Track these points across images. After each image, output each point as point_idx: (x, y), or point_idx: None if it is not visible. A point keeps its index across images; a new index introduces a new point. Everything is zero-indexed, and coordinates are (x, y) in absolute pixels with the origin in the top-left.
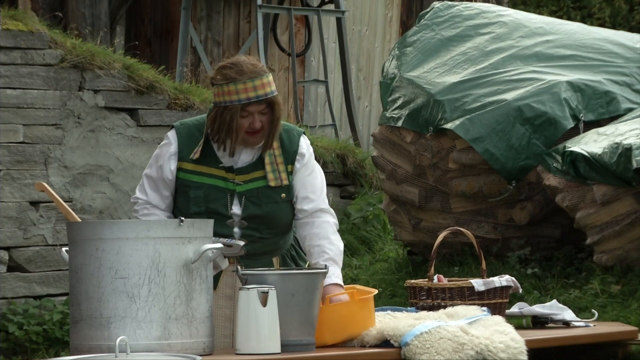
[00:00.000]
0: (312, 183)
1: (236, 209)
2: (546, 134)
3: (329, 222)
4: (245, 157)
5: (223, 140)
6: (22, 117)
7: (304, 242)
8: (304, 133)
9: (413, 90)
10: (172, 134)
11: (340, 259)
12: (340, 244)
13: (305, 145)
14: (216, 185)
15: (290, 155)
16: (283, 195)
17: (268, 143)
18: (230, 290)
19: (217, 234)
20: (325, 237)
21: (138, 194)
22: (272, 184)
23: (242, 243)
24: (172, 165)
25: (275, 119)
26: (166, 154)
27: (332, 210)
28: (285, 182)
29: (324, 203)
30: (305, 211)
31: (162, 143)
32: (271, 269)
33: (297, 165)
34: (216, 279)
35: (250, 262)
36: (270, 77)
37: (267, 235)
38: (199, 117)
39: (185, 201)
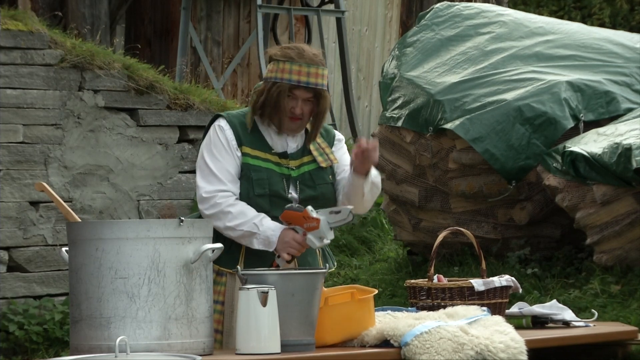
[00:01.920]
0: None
1: (293, 193)
2: (546, 134)
3: None
4: (292, 144)
5: (269, 115)
6: (22, 117)
7: (340, 192)
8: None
9: (413, 90)
10: (223, 123)
11: (376, 178)
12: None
13: (339, 134)
14: (273, 170)
15: (329, 139)
16: (330, 176)
17: (312, 135)
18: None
19: (275, 218)
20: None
21: (213, 186)
22: (323, 165)
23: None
24: (237, 150)
25: (319, 112)
26: (230, 140)
27: None
28: (336, 162)
29: None
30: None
31: (213, 132)
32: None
33: (333, 149)
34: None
35: None
36: (326, 72)
37: None
38: (240, 110)
39: (247, 184)
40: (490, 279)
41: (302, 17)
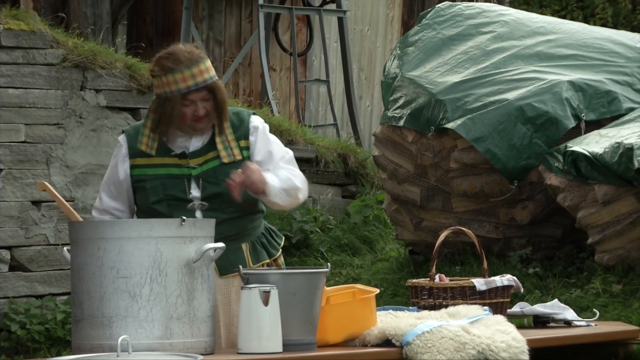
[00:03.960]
0: (269, 151)
1: (195, 192)
2: (547, 133)
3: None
4: (196, 142)
5: (165, 132)
6: (24, 116)
7: None
8: (255, 113)
9: (414, 89)
10: (121, 138)
11: (280, 179)
12: (290, 177)
13: (257, 120)
14: (171, 174)
15: (241, 130)
16: (239, 170)
17: (220, 128)
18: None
19: None
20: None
21: (97, 202)
22: (225, 160)
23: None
24: (125, 165)
25: (219, 103)
26: (119, 156)
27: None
28: (239, 157)
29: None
30: None
31: (115, 149)
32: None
33: (251, 138)
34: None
35: None
36: (208, 63)
37: (231, 215)
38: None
39: (144, 194)
40: (492, 278)
41: (304, 17)
